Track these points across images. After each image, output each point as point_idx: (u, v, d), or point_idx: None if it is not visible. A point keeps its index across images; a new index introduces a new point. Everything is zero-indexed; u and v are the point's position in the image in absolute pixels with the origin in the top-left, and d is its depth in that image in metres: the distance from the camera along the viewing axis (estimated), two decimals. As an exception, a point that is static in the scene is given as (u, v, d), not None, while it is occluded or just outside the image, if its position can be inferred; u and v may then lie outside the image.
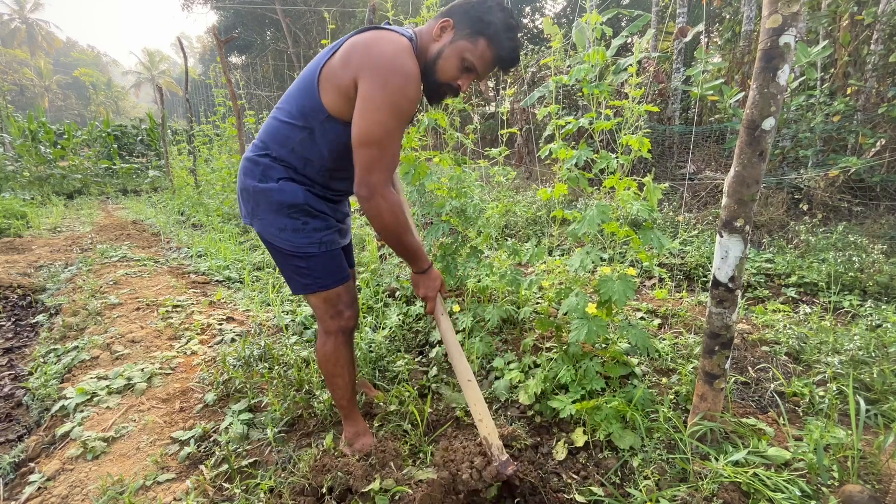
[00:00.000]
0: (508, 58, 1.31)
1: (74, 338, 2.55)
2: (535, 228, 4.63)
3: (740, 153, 1.29)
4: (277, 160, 1.34)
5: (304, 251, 1.36)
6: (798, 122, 4.78)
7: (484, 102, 10.29)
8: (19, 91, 39.84)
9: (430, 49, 1.30)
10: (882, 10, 4.58)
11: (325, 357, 1.48)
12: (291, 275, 1.43)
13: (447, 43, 1.28)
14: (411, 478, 1.37)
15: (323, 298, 1.43)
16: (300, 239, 1.35)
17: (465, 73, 1.31)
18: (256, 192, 1.34)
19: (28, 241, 5.03)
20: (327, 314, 1.45)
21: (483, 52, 1.28)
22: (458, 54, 1.27)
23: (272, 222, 1.34)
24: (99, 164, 11.12)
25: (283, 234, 1.35)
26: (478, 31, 1.26)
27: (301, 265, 1.39)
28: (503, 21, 1.26)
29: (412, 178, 2.41)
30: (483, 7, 1.26)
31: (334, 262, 1.43)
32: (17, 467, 1.65)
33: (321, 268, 1.40)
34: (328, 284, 1.41)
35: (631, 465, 1.48)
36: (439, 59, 1.29)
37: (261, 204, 1.35)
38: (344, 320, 1.46)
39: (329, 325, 1.46)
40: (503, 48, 1.28)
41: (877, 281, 2.88)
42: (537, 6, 17.70)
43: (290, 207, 1.33)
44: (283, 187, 1.33)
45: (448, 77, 1.31)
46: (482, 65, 1.30)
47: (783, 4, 1.16)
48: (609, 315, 1.76)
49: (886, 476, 1.36)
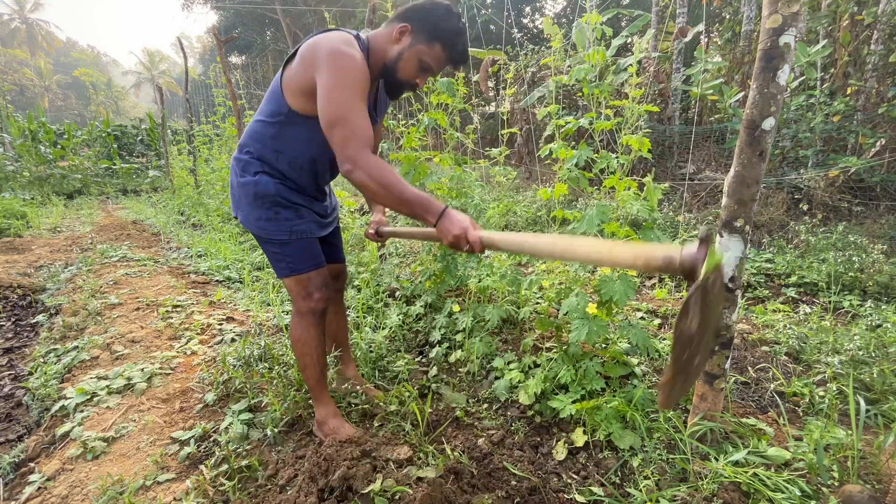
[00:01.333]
0: (460, 58, 1.48)
1: (74, 338, 2.55)
2: (535, 228, 4.63)
3: (740, 153, 1.29)
4: (254, 156, 1.51)
5: (278, 238, 1.53)
6: (798, 122, 4.78)
7: (484, 102, 10.29)
8: (19, 91, 39.84)
9: (390, 51, 1.44)
10: (882, 10, 4.58)
11: (297, 337, 1.62)
12: (271, 259, 1.60)
13: (406, 46, 1.42)
14: (411, 478, 1.37)
15: (295, 281, 1.58)
16: (272, 227, 1.52)
17: (423, 72, 1.46)
18: (238, 186, 1.52)
19: (28, 241, 5.03)
20: (299, 296, 1.59)
21: (438, 54, 1.43)
22: (416, 56, 1.43)
23: (251, 212, 1.52)
24: (99, 164, 11.12)
25: (259, 222, 1.52)
26: (434, 36, 1.41)
27: (276, 251, 1.56)
28: (455, 27, 1.42)
29: (413, 178, 2.41)
30: (437, 14, 1.41)
31: (307, 249, 1.58)
32: (17, 467, 1.65)
33: (294, 254, 1.55)
34: (300, 269, 1.57)
35: (631, 465, 1.48)
36: (399, 61, 1.44)
37: (241, 197, 1.52)
38: (314, 302, 1.59)
39: (300, 306, 1.60)
40: (456, 51, 1.45)
41: (877, 281, 2.88)
42: (537, 6, 17.70)
43: (263, 198, 1.49)
44: (258, 180, 1.49)
45: (407, 76, 1.46)
46: (437, 65, 1.46)
47: (783, 4, 1.16)
48: (609, 315, 1.76)
49: (886, 476, 1.36)
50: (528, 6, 17.48)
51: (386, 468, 1.41)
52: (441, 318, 2.39)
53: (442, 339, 2.33)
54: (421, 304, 2.61)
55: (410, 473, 1.39)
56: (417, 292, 2.76)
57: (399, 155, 2.47)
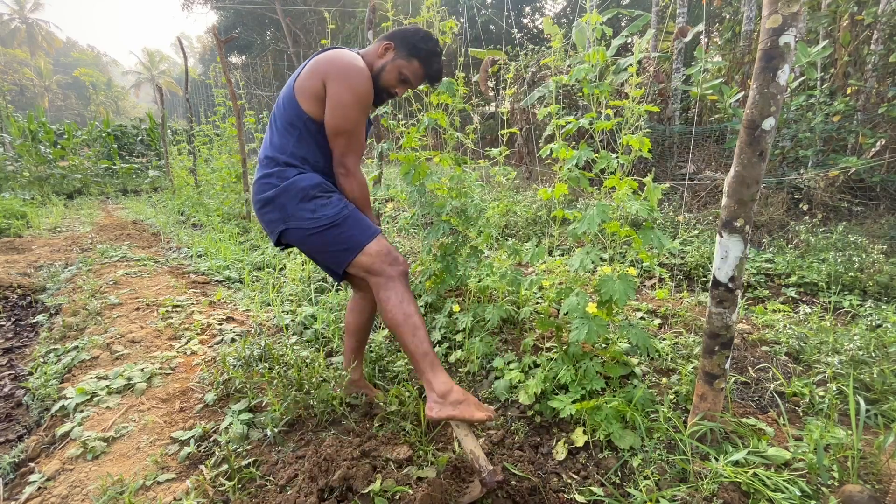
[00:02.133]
0: (435, 76, 1.74)
1: (74, 338, 2.55)
2: (535, 228, 4.63)
3: (740, 153, 1.29)
4: (285, 164, 1.59)
5: (338, 217, 1.55)
6: (798, 122, 4.78)
7: (484, 102, 10.29)
8: (19, 91, 39.82)
9: (376, 64, 1.67)
10: (882, 10, 4.58)
11: (400, 299, 1.50)
12: (336, 248, 1.56)
13: (389, 60, 1.66)
14: (411, 478, 1.37)
15: (374, 252, 1.55)
16: (330, 209, 1.55)
17: (401, 83, 1.70)
18: (279, 193, 1.56)
19: (28, 241, 5.03)
20: (385, 262, 1.55)
21: (416, 69, 1.69)
22: (397, 69, 1.67)
23: (303, 210, 1.55)
24: (99, 164, 11.12)
25: (316, 213, 1.54)
26: (413, 54, 1.66)
27: (338, 232, 1.55)
28: (432, 49, 1.69)
29: (412, 178, 2.41)
30: (417, 37, 1.67)
31: (362, 220, 1.61)
32: (17, 467, 1.65)
33: (355, 227, 1.57)
34: (365, 239, 1.56)
35: (631, 465, 1.48)
36: (382, 72, 1.66)
37: (287, 203, 1.55)
38: (401, 264, 1.57)
39: (390, 272, 1.54)
40: (431, 68, 1.71)
41: (877, 281, 2.88)
42: (537, 6, 17.70)
43: (313, 188, 1.56)
44: (301, 176, 1.57)
45: (389, 85, 1.68)
46: (415, 79, 1.71)
47: (783, 4, 1.16)
48: (609, 315, 1.76)
49: (886, 476, 1.36)
50: (528, 6, 17.48)
51: (386, 468, 1.41)
52: (441, 318, 2.39)
53: (442, 339, 2.33)
54: (421, 304, 2.61)
55: (410, 473, 1.39)
56: (417, 292, 2.76)
57: (399, 155, 2.47)
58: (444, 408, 1.37)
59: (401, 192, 2.80)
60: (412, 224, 2.99)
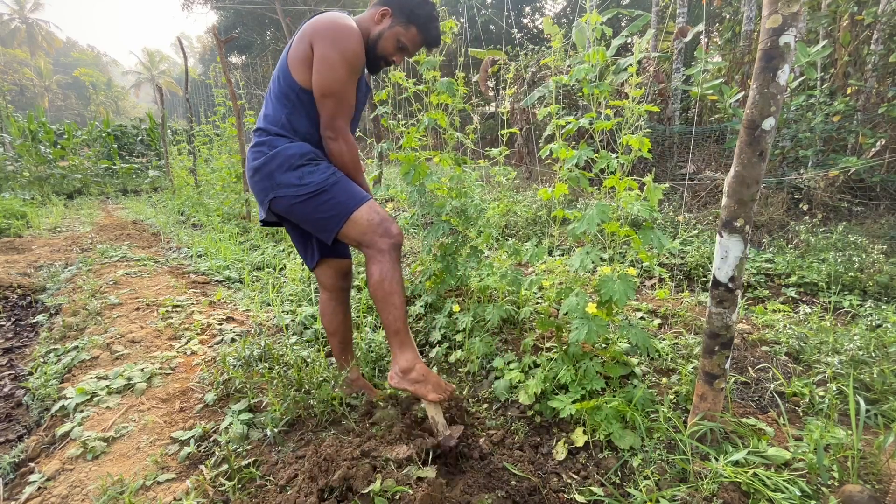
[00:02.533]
0: (433, 42, 1.69)
1: (74, 338, 2.55)
2: (535, 228, 4.63)
3: (740, 153, 1.29)
4: (276, 135, 1.59)
5: (326, 183, 1.55)
6: (798, 122, 4.78)
7: (484, 102, 10.29)
8: (19, 91, 39.81)
9: (372, 30, 1.63)
10: (882, 10, 4.58)
11: (382, 277, 1.52)
12: (324, 215, 1.55)
13: (386, 27, 1.62)
14: (411, 478, 1.37)
15: (365, 220, 1.54)
16: (317, 176, 1.55)
17: (399, 51, 1.67)
18: (267, 161, 1.55)
19: (28, 241, 5.03)
20: (376, 233, 1.54)
21: (414, 36, 1.65)
22: (394, 36, 1.63)
23: (290, 178, 1.54)
24: (99, 164, 11.12)
25: (303, 179, 1.54)
26: (410, 20, 1.62)
27: (326, 198, 1.54)
28: (429, 13, 1.64)
29: (412, 178, 2.41)
30: (414, 2, 1.61)
31: (351, 186, 1.60)
32: (17, 467, 1.65)
33: (343, 192, 1.56)
34: (355, 204, 1.55)
35: (631, 465, 1.48)
36: (380, 39, 1.63)
37: (274, 171, 1.55)
38: (393, 236, 1.56)
39: (381, 244, 1.54)
40: (429, 34, 1.66)
41: (877, 281, 2.88)
42: (537, 6, 17.70)
43: (301, 157, 1.56)
44: (290, 145, 1.57)
45: (386, 52, 1.65)
46: (413, 46, 1.67)
47: (783, 4, 1.16)
48: (609, 315, 1.76)
49: (886, 476, 1.36)
50: (528, 6, 17.48)
51: (386, 468, 1.41)
52: (441, 318, 2.39)
53: (442, 339, 2.33)
54: (421, 304, 2.61)
55: (410, 473, 1.39)
56: (417, 292, 2.76)
57: (399, 155, 2.47)
58: (402, 381, 1.53)
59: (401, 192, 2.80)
60: (412, 224, 2.99)
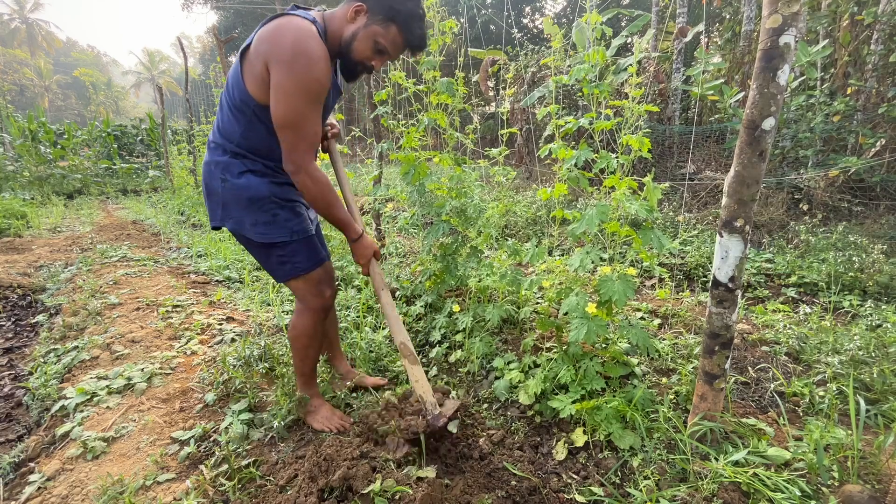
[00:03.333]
0: (417, 44, 1.44)
1: (74, 338, 2.55)
2: (535, 228, 4.63)
3: (740, 153, 1.29)
4: (233, 155, 1.45)
5: (280, 240, 1.50)
6: (798, 122, 4.78)
7: (484, 102, 10.29)
8: (19, 91, 39.81)
9: (345, 30, 1.40)
10: (882, 10, 4.58)
11: (303, 331, 1.62)
12: (273, 265, 1.56)
13: (361, 26, 1.38)
14: (411, 478, 1.37)
15: (304, 280, 1.57)
16: (273, 230, 1.48)
17: (378, 54, 1.44)
18: (226, 190, 1.45)
19: (28, 241, 5.03)
20: (309, 294, 1.59)
21: (394, 37, 1.41)
22: (371, 37, 1.39)
23: (245, 217, 1.46)
24: (99, 164, 11.11)
25: (257, 227, 1.47)
26: (389, 17, 1.38)
27: (280, 253, 1.52)
28: (412, 10, 1.39)
29: (412, 178, 2.41)
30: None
31: (309, 247, 1.57)
32: (17, 467, 1.65)
33: (298, 253, 1.54)
34: (307, 268, 1.56)
35: (631, 465, 1.48)
36: (354, 41, 1.40)
37: (230, 203, 1.46)
38: (325, 299, 1.61)
39: (311, 303, 1.60)
40: (412, 35, 1.42)
41: (877, 281, 2.88)
42: (537, 6, 17.70)
43: (259, 201, 1.45)
44: (248, 184, 1.44)
45: (362, 57, 1.43)
46: (394, 48, 1.43)
47: (783, 4, 1.16)
48: (609, 315, 1.76)
49: (886, 476, 1.36)
50: (528, 6, 17.48)
51: (386, 468, 1.41)
52: (441, 318, 2.39)
53: (442, 339, 2.33)
54: (421, 304, 2.61)
55: (410, 473, 1.39)
56: (417, 292, 2.76)
57: (399, 155, 2.47)
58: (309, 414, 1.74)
59: (401, 192, 2.80)
60: (412, 224, 2.99)
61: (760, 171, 1.28)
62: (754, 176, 1.28)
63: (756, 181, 1.28)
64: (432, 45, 2.36)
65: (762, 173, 1.28)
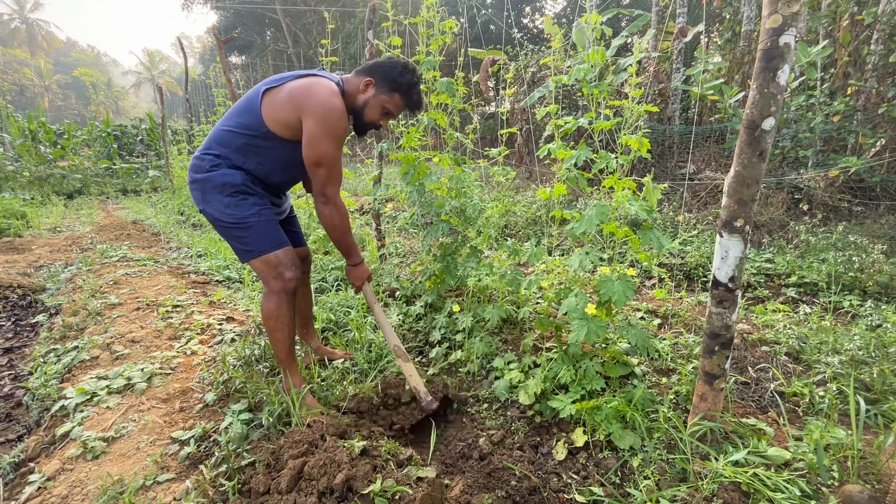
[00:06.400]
0: (416, 106, 1.86)
1: (74, 338, 2.55)
2: (534, 228, 4.63)
3: (740, 153, 1.29)
4: (220, 157, 1.67)
5: (246, 221, 1.67)
6: (798, 122, 4.78)
7: (484, 102, 10.29)
8: (19, 91, 39.80)
9: (358, 99, 1.77)
10: (882, 10, 4.58)
11: (269, 314, 1.73)
12: (237, 245, 1.72)
13: (371, 96, 1.77)
14: (411, 478, 1.37)
15: (264, 262, 1.71)
16: (241, 211, 1.67)
17: (385, 116, 1.82)
18: (203, 180, 1.66)
19: (28, 241, 5.03)
20: (269, 276, 1.72)
21: (398, 102, 1.80)
22: (379, 104, 1.78)
23: (219, 202, 1.66)
24: (99, 164, 11.09)
25: (228, 209, 1.66)
26: (393, 88, 1.77)
27: (243, 235, 1.68)
28: (410, 81, 1.78)
29: (412, 177, 2.41)
30: (395, 71, 1.76)
31: (271, 229, 1.72)
32: (17, 467, 1.65)
33: (260, 235, 1.69)
34: (267, 249, 1.70)
35: (631, 465, 1.48)
36: (366, 108, 1.78)
37: (207, 189, 1.66)
38: (285, 281, 1.72)
39: (273, 286, 1.72)
40: (412, 101, 1.83)
41: (877, 281, 2.88)
42: (537, 6, 17.70)
43: (231, 187, 1.66)
44: (224, 172, 1.66)
45: (372, 119, 1.81)
46: (397, 110, 1.82)
47: (783, 4, 1.16)
48: (609, 315, 1.76)
49: (886, 476, 1.36)
50: (528, 6, 17.48)
51: (386, 468, 1.41)
52: (441, 318, 2.39)
53: (442, 339, 2.33)
54: (421, 304, 2.61)
55: (410, 473, 1.39)
56: (417, 292, 2.76)
57: (399, 155, 2.47)
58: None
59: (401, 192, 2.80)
60: (412, 224, 2.99)
61: (760, 171, 1.28)
62: (754, 176, 1.28)
63: (756, 181, 1.28)
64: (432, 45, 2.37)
65: (762, 173, 1.28)
